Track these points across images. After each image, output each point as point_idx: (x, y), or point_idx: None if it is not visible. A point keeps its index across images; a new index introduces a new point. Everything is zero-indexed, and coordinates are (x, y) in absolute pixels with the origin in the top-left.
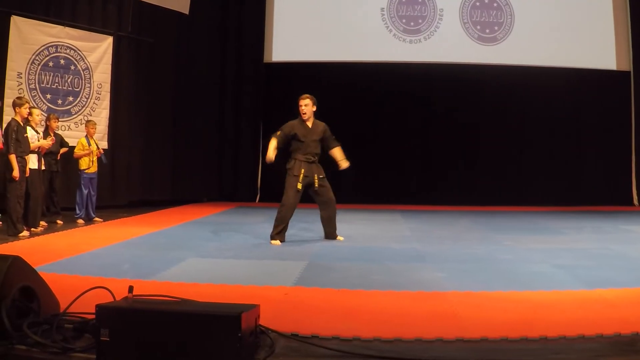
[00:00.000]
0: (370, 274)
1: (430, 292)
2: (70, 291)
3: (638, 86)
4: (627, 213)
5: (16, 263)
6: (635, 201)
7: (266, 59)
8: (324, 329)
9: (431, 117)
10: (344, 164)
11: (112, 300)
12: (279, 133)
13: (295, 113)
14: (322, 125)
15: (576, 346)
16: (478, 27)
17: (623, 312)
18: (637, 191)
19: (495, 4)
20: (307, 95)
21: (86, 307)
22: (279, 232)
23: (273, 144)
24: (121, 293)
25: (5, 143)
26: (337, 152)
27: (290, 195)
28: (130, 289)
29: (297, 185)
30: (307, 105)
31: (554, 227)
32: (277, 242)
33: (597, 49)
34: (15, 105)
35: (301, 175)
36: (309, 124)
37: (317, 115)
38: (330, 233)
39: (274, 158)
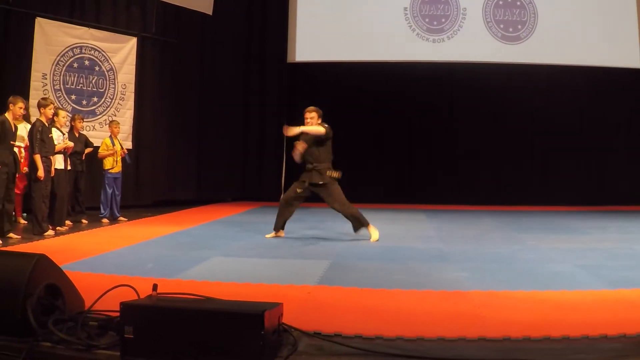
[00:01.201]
0: (393, 274)
1: (452, 292)
2: (95, 289)
3: None
4: None
5: (41, 261)
6: None
7: (289, 59)
8: (346, 328)
9: (455, 116)
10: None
11: (137, 298)
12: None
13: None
14: None
15: (599, 346)
16: (501, 25)
17: None
18: None
19: (518, 3)
20: (313, 107)
21: (111, 305)
22: (275, 226)
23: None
24: (145, 291)
25: (30, 143)
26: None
27: (287, 192)
28: (155, 287)
29: (296, 187)
30: (312, 118)
31: (578, 227)
32: (271, 234)
33: (621, 46)
34: (40, 106)
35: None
36: None
37: (340, 114)
38: (354, 227)
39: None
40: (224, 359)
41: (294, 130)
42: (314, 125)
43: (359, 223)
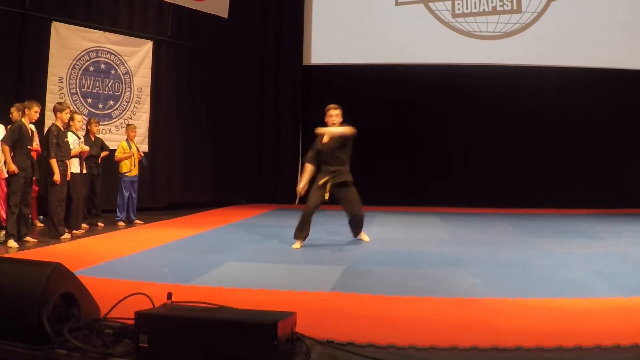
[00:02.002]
0: (408, 279)
1: (467, 299)
2: (110, 296)
3: None
4: None
5: (57, 270)
6: None
7: (305, 62)
8: (360, 336)
9: (471, 119)
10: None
11: (151, 306)
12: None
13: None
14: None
15: (611, 356)
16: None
17: None
18: None
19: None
20: (336, 105)
21: (126, 312)
22: (299, 236)
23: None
24: (160, 298)
25: (46, 148)
26: None
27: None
28: (169, 295)
29: (320, 195)
30: (337, 116)
31: (592, 231)
32: (297, 244)
33: (639, 48)
34: (56, 110)
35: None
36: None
37: (356, 117)
38: (355, 232)
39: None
40: None
41: (330, 131)
42: (337, 122)
43: (360, 228)
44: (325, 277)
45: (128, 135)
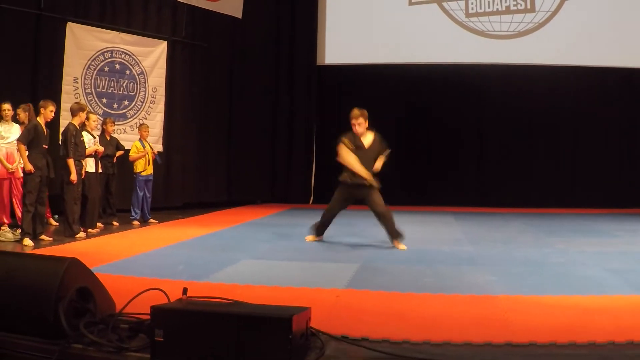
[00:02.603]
0: (421, 277)
1: (480, 296)
2: (126, 292)
3: None
4: None
5: (73, 265)
6: None
7: (319, 62)
8: (374, 332)
9: (484, 118)
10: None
11: (167, 301)
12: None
13: (345, 115)
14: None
15: (624, 352)
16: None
17: None
18: None
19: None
20: (359, 112)
21: (141, 307)
22: (318, 231)
23: None
24: (175, 294)
25: (64, 147)
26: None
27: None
28: (185, 290)
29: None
30: (360, 125)
31: (607, 230)
32: (312, 237)
33: None
34: (74, 110)
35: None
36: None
37: (370, 117)
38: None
39: None
40: None
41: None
42: (363, 128)
43: (391, 227)
44: (340, 275)
45: (141, 135)
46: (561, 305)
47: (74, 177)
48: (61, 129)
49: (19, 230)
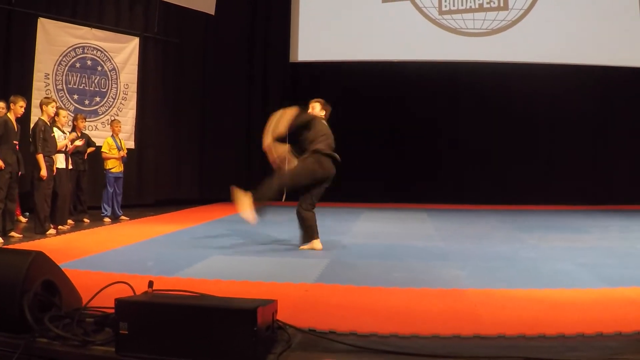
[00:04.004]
0: (391, 272)
1: (450, 290)
2: (93, 287)
3: None
4: None
5: (38, 258)
6: None
7: (292, 59)
8: (342, 325)
9: (458, 115)
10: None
11: (133, 294)
12: None
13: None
14: None
15: (594, 344)
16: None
17: None
18: None
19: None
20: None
21: (108, 302)
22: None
23: None
24: (143, 289)
25: (33, 143)
26: None
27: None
28: (150, 283)
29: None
30: (313, 109)
31: (579, 226)
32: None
33: (626, 45)
34: (42, 104)
35: None
36: None
37: (344, 113)
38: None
39: None
40: (217, 354)
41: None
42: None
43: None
44: (310, 270)
45: (113, 131)
46: (531, 299)
47: (43, 172)
48: (31, 125)
49: None
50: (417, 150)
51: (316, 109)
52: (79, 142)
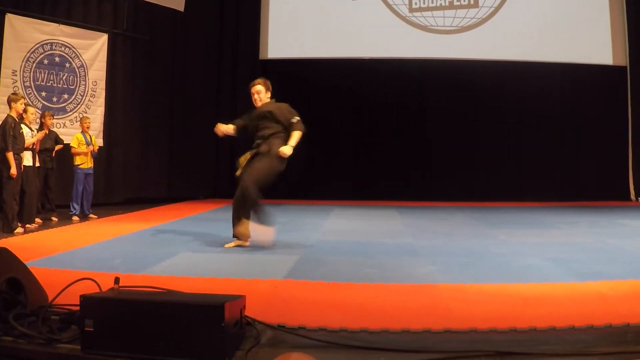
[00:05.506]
0: (362, 268)
1: (420, 285)
2: (60, 284)
3: (634, 81)
4: (624, 208)
5: (2, 254)
6: (633, 196)
7: (262, 56)
8: (311, 321)
9: (428, 113)
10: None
11: (99, 291)
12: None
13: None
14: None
15: (566, 337)
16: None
17: (615, 303)
18: (634, 186)
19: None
20: (259, 80)
21: (75, 299)
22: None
23: None
24: (110, 286)
25: (3, 140)
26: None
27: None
28: (117, 280)
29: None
30: (259, 93)
31: (549, 222)
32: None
33: (593, 44)
34: (10, 100)
35: None
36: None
37: (314, 111)
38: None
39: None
40: (185, 351)
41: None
42: (263, 99)
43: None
44: (279, 266)
45: (82, 127)
46: (502, 294)
47: (13, 171)
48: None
49: None
50: (387, 148)
51: (262, 94)
52: (39, 135)
